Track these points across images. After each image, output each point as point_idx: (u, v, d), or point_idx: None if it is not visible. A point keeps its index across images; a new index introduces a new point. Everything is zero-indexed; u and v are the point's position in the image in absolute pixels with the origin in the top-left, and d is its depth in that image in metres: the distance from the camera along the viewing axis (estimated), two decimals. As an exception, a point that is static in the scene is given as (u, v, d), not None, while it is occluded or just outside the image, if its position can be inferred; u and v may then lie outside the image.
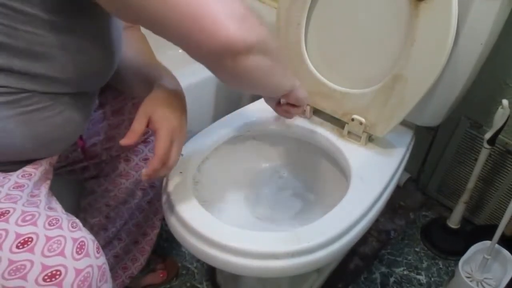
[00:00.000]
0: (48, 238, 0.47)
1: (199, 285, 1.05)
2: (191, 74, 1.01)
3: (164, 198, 0.74)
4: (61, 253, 0.46)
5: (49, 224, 0.49)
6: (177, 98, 0.63)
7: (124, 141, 0.56)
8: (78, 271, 0.46)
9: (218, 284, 1.03)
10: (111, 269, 0.89)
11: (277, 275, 0.70)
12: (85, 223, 0.84)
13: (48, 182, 0.60)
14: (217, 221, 0.68)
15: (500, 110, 0.86)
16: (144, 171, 0.58)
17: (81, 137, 0.74)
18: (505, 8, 0.74)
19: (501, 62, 0.94)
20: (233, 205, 0.89)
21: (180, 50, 0.49)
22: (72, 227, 0.50)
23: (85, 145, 0.76)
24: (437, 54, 0.72)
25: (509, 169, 1.04)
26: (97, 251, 0.50)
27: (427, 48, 0.72)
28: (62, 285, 0.45)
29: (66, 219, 0.51)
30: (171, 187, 0.73)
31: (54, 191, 0.61)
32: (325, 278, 1.03)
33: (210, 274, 1.06)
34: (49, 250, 0.46)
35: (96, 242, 0.52)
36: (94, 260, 0.49)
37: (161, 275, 1.03)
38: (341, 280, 1.05)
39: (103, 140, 0.78)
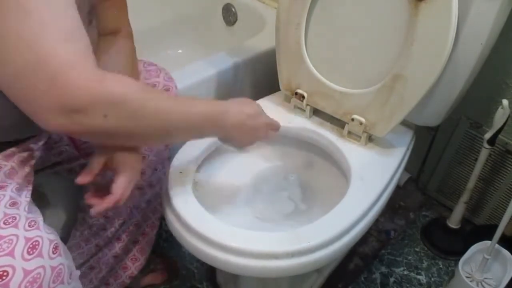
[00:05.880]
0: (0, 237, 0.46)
1: (199, 285, 1.05)
2: (191, 74, 1.00)
3: (164, 198, 0.74)
4: (10, 253, 0.45)
5: (4, 223, 0.48)
6: None
7: (80, 180, 0.56)
8: (26, 272, 0.45)
9: (218, 284, 1.03)
10: (111, 269, 0.89)
11: (277, 275, 0.70)
12: (84, 222, 0.84)
13: (24, 173, 0.58)
14: (217, 221, 0.68)
15: (500, 110, 0.86)
16: (95, 209, 0.57)
17: None
18: (505, 8, 0.74)
19: (501, 62, 0.94)
20: (233, 205, 0.89)
21: (180, 50, 0.48)
22: (29, 226, 0.49)
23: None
24: (437, 54, 0.72)
25: (509, 169, 1.04)
26: (53, 252, 0.49)
27: (427, 48, 0.72)
28: (9, 286, 0.44)
29: (24, 217, 0.50)
30: (171, 187, 0.73)
31: (55, 191, 0.61)
32: (325, 278, 1.03)
33: (210, 274, 1.06)
34: None
35: (55, 242, 0.50)
36: (48, 260, 0.48)
37: (161, 275, 1.03)
38: (341, 280, 1.05)
39: None
